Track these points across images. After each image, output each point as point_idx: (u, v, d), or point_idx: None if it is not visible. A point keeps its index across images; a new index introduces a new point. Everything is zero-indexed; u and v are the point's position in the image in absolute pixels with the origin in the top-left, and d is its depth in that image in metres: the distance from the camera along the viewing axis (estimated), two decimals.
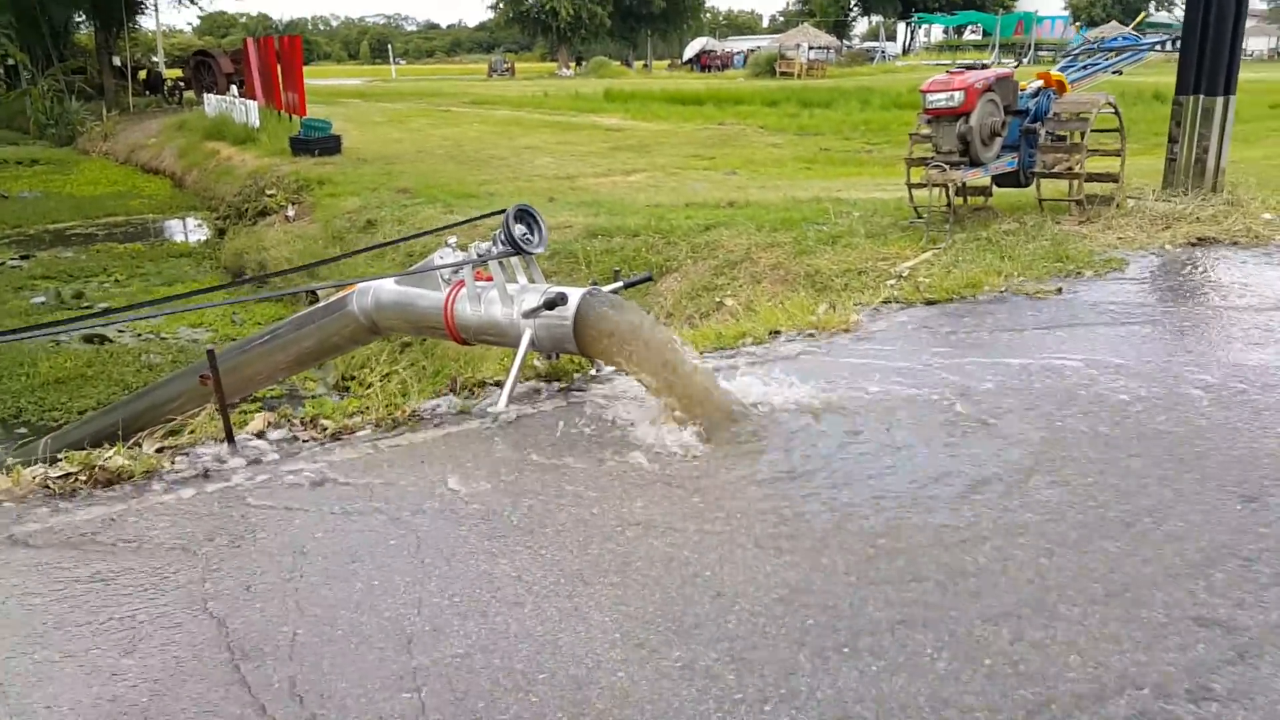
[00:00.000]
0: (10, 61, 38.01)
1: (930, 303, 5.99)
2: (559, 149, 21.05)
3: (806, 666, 2.45)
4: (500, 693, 2.39)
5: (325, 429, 4.12)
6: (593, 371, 4.68)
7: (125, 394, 10.09)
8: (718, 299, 8.49)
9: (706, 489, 3.46)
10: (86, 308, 13.99)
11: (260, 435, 4.16)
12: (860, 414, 4.14)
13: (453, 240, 4.59)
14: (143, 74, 39.91)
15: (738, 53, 67.99)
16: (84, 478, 3.65)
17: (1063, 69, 9.53)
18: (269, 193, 17.74)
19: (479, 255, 4.45)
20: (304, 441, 4.07)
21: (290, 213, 16.74)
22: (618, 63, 69.95)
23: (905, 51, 74.91)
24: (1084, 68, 9.77)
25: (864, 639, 2.57)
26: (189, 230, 20.46)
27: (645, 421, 4.01)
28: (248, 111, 24.68)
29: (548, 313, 4.14)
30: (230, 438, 3.96)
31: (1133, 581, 2.83)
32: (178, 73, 40.36)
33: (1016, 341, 5.16)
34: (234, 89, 28.34)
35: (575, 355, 4.43)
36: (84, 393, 10.64)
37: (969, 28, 68.36)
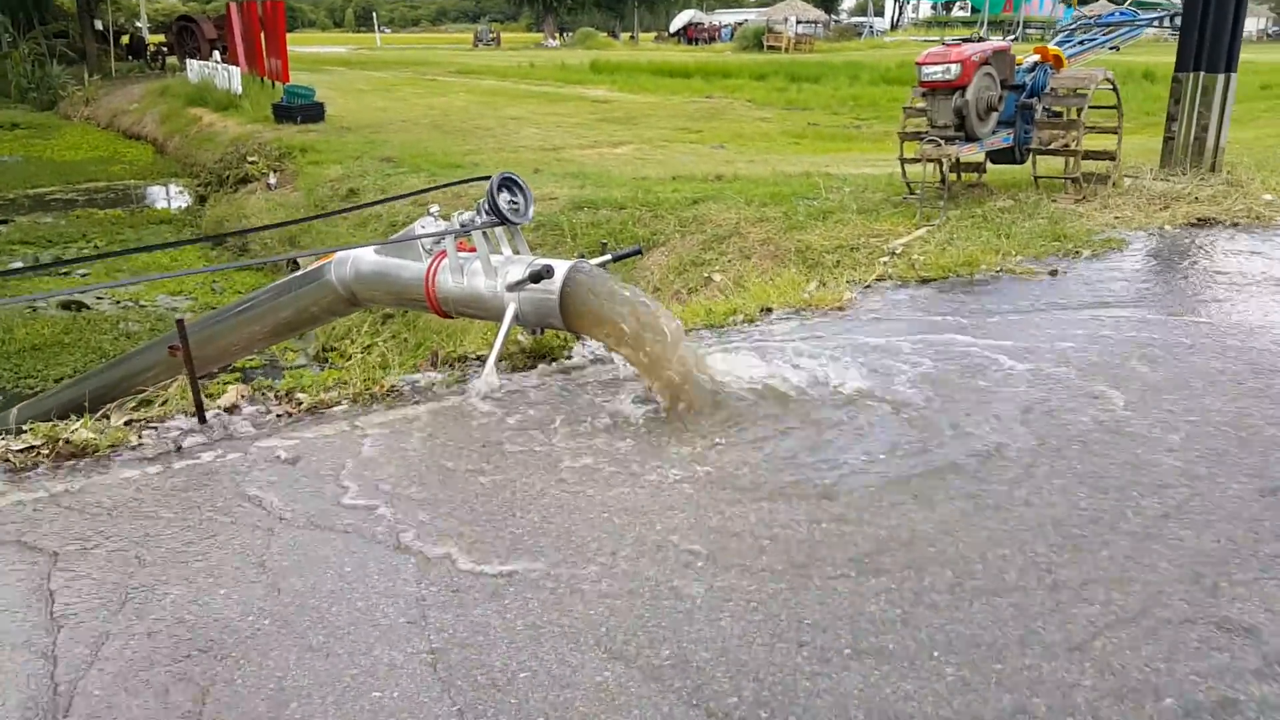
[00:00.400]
0: None
1: (925, 281, 5.85)
2: (545, 120, 20.80)
3: None
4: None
5: (300, 404, 3.96)
6: (577, 347, 4.53)
7: (102, 361, 9.91)
8: (706, 274, 8.34)
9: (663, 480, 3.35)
10: (64, 274, 13.75)
11: (233, 409, 4.00)
12: (848, 401, 4.00)
13: (435, 209, 4.42)
14: (125, 39, 39.29)
15: (725, 26, 67.31)
16: (46, 451, 3.49)
17: (1059, 44, 9.37)
18: (250, 160, 17.47)
19: (462, 225, 4.29)
20: (278, 417, 3.92)
21: (272, 180, 16.49)
22: (604, 34, 69.29)
23: (893, 27, 74.49)
24: (1080, 43, 9.61)
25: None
26: (170, 197, 20.16)
27: (627, 401, 3.87)
28: (230, 78, 24.32)
29: (533, 286, 3.98)
30: (201, 413, 3.81)
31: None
32: (161, 38, 39.73)
33: (1018, 323, 5.02)
34: (217, 55, 27.90)
35: (561, 331, 4.28)
36: (60, 360, 10.44)
37: (957, 4, 68.00)
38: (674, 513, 3.04)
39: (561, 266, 4.02)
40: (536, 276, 3.91)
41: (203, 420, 3.82)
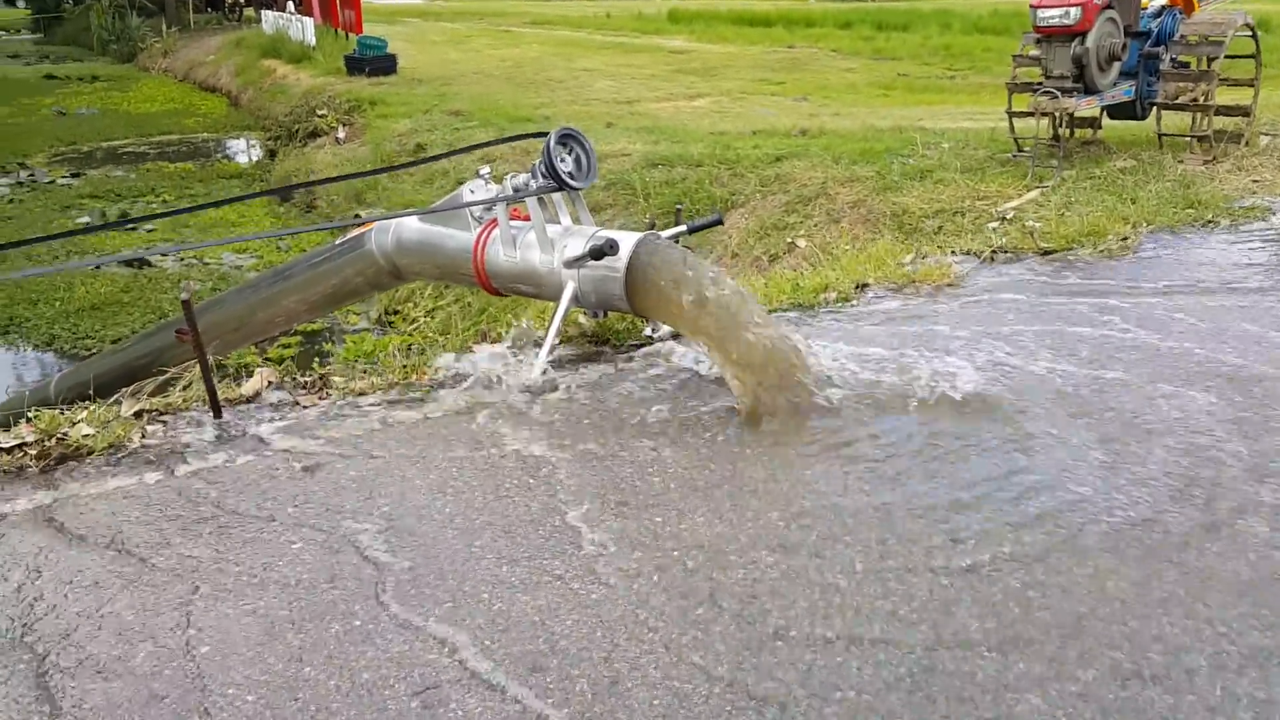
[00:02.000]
0: None
1: (1046, 253, 5.13)
2: (620, 72, 20.10)
3: None
4: None
5: (329, 395, 3.46)
6: (648, 332, 3.95)
7: (160, 322, 9.64)
8: (789, 239, 7.68)
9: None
10: (131, 229, 13.57)
11: (254, 399, 3.52)
12: (980, 407, 3.34)
13: (485, 171, 3.85)
14: None
15: None
16: (34, 452, 3.04)
17: None
18: (320, 113, 17.13)
19: (515, 190, 3.72)
20: (304, 409, 3.42)
21: (341, 134, 16.14)
22: None
23: None
24: None
25: None
26: (242, 151, 19.99)
27: (709, 404, 3.28)
28: (304, 29, 24.05)
29: (595, 262, 3.40)
30: (216, 406, 3.32)
31: None
32: None
33: (1168, 308, 4.28)
34: (291, 6, 27.64)
35: (627, 314, 3.71)
36: (119, 320, 10.20)
37: None
38: (757, 570, 2.43)
39: (628, 240, 3.43)
40: (598, 253, 3.32)
41: (218, 414, 3.34)
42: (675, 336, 3.78)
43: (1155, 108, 7.81)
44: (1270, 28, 21.33)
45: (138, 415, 3.45)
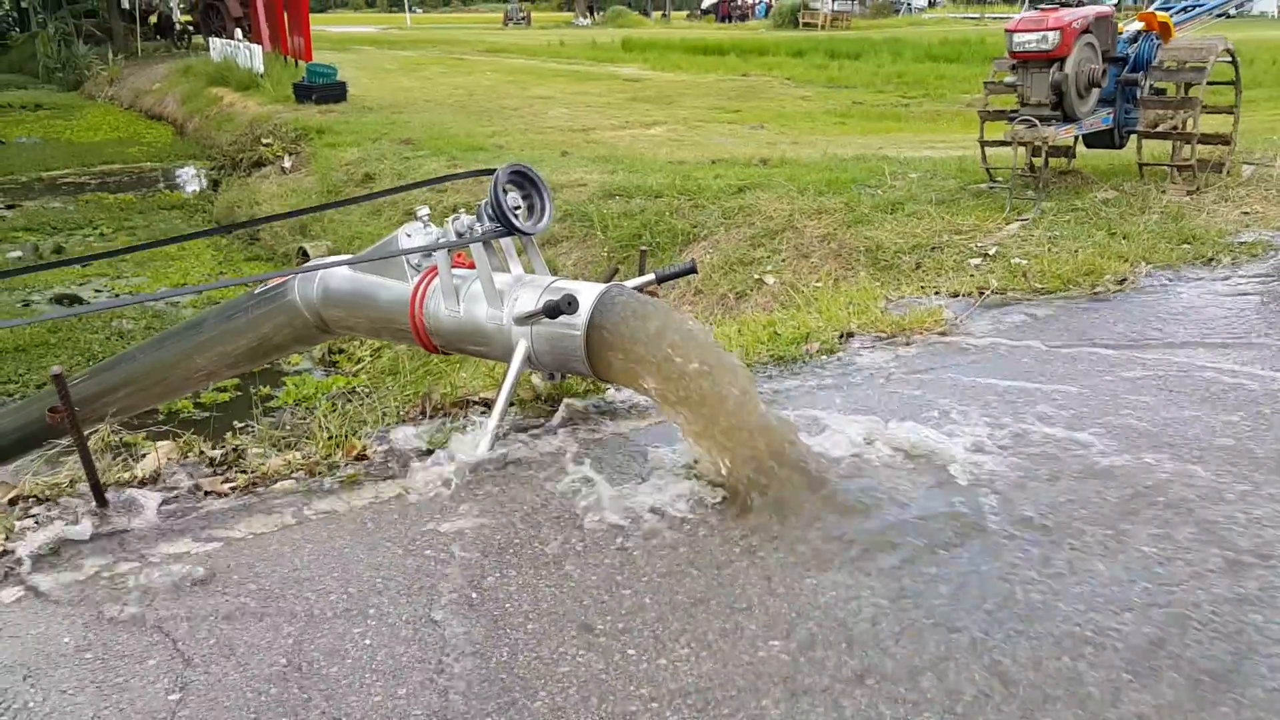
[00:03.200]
0: (23, 3, 36.88)
1: (1041, 293, 4.72)
2: (575, 99, 19.73)
3: None
4: None
5: (235, 483, 2.93)
6: (612, 393, 3.47)
7: (91, 364, 8.99)
8: (756, 275, 7.26)
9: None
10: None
11: (152, 481, 2.99)
12: (1023, 495, 2.81)
13: (424, 211, 3.36)
14: (153, 18, 38.60)
15: (759, 2, 65.54)
16: None
17: (1163, 8, 8.15)
18: (265, 141, 16.56)
19: (458, 234, 3.24)
20: (205, 495, 2.90)
21: (287, 164, 15.59)
22: (636, 12, 67.81)
23: (931, 4, 72.35)
24: (1184, 9, 8.38)
25: None
26: (185, 181, 19.34)
27: (686, 488, 2.79)
28: (252, 56, 23.50)
29: (550, 320, 2.92)
30: (99, 495, 2.79)
31: None
32: (190, 17, 39.04)
33: (1201, 359, 3.87)
34: (239, 33, 27.03)
35: (588, 379, 3.22)
36: (44, 363, 9.52)
37: None
38: None
39: (588, 294, 2.95)
40: (554, 310, 2.84)
41: (102, 503, 2.81)
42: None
43: (1134, 136, 7.51)
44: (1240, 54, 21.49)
45: (12, 503, 2.92)
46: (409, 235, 3.35)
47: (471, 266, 3.26)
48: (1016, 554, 2.46)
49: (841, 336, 4.15)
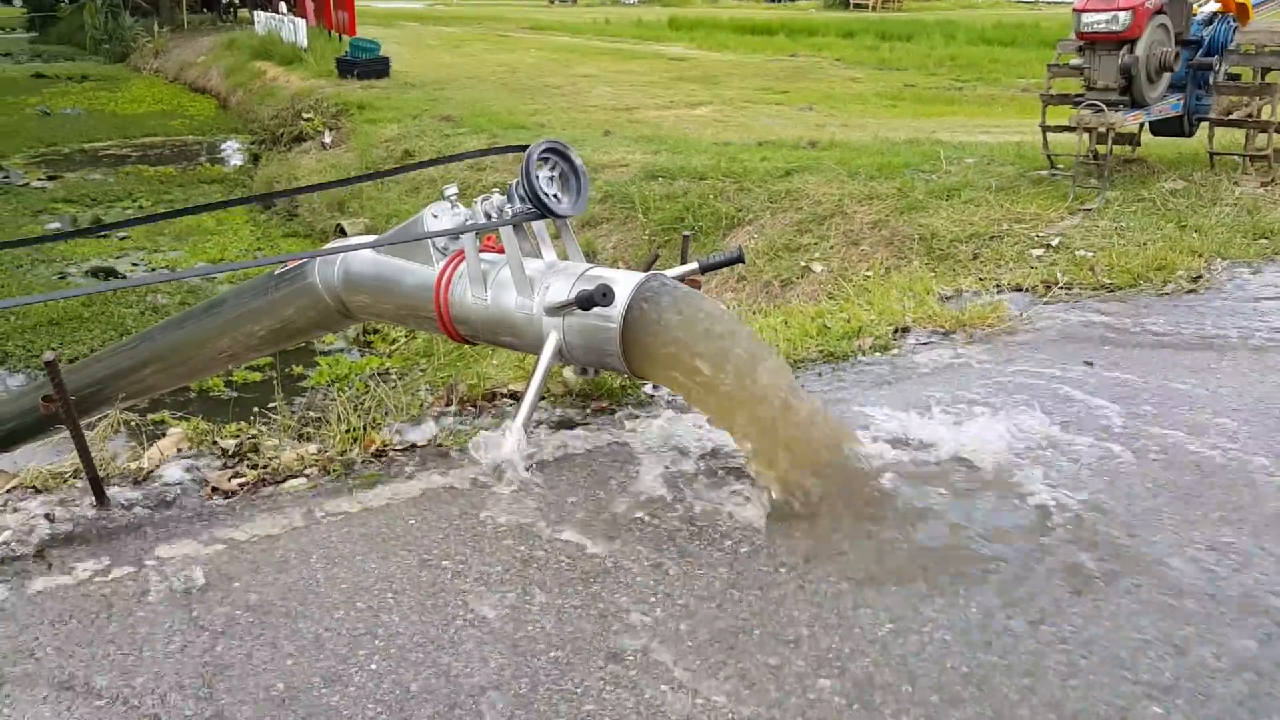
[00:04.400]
0: None
1: (1109, 289, 4.41)
2: (619, 78, 19.45)
3: None
4: None
5: (244, 478, 2.74)
6: (649, 389, 3.23)
7: (124, 338, 8.90)
8: (803, 262, 6.98)
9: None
10: (103, 236, 12.89)
11: (151, 477, 2.80)
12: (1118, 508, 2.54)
13: (451, 190, 3.14)
14: None
15: None
16: None
17: None
18: (305, 116, 16.44)
19: (487, 215, 3.01)
20: (212, 492, 2.71)
21: (327, 139, 15.48)
22: None
23: None
24: None
25: None
26: (227, 155, 19.33)
27: (730, 499, 2.56)
28: (295, 30, 23.44)
29: (583, 312, 2.69)
30: (98, 492, 2.61)
31: None
32: None
33: None
34: (283, 6, 27.00)
35: (622, 375, 2.99)
36: (78, 337, 9.50)
37: None
38: None
39: (625, 283, 2.72)
40: (587, 301, 2.61)
41: (101, 500, 2.62)
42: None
43: (1205, 123, 7.12)
44: None
45: (9, 491, 2.75)
46: (435, 216, 3.13)
47: (502, 251, 3.04)
48: (1103, 585, 2.20)
49: (896, 332, 3.89)
